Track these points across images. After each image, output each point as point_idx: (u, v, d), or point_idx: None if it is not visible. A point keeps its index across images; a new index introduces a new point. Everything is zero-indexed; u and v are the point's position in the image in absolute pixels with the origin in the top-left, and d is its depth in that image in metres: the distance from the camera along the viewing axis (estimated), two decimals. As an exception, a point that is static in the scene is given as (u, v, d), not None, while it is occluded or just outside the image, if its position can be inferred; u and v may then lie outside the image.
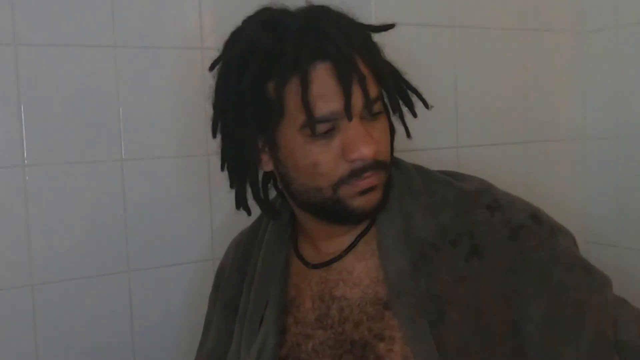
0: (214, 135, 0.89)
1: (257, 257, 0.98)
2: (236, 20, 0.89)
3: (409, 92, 0.91)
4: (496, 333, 0.80)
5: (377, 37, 0.88)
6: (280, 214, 0.96)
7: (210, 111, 0.90)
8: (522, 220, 0.84)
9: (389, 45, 1.16)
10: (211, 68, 0.89)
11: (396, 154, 0.92)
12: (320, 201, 0.84)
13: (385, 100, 0.86)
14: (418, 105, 0.91)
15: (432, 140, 1.24)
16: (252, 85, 0.82)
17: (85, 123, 1.21)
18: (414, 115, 0.90)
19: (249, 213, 0.93)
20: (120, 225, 1.25)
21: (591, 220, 1.46)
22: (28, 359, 1.19)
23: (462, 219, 0.85)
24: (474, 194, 0.87)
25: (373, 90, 0.82)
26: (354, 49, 0.81)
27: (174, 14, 1.28)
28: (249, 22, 0.87)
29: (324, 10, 0.85)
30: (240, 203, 0.92)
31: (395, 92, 0.87)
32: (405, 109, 0.90)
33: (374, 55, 0.86)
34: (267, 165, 0.89)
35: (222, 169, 0.91)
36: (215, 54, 0.90)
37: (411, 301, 0.82)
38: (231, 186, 0.91)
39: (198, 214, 1.31)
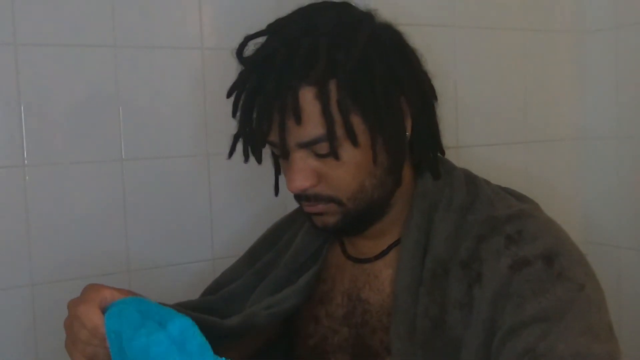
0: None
1: (295, 233, 1.01)
2: (236, 20, 0.89)
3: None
4: None
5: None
6: None
7: (210, 111, 0.91)
8: (530, 257, 0.78)
9: (389, 45, 1.16)
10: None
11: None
12: None
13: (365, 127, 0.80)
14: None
15: (432, 140, 1.24)
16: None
17: (85, 123, 1.21)
18: (355, 143, 0.81)
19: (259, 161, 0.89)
20: (120, 225, 1.25)
21: (591, 220, 1.46)
22: (28, 359, 1.19)
23: (480, 244, 0.82)
24: (502, 220, 0.83)
25: (308, 132, 0.78)
26: (304, 82, 0.76)
27: (174, 14, 1.28)
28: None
29: (306, 29, 0.80)
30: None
31: (342, 137, 0.78)
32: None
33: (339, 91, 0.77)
34: None
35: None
36: (215, 54, 0.90)
37: (405, 319, 0.81)
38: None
39: (198, 214, 1.31)
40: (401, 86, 0.82)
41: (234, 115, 0.85)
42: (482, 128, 1.32)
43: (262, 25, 0.89)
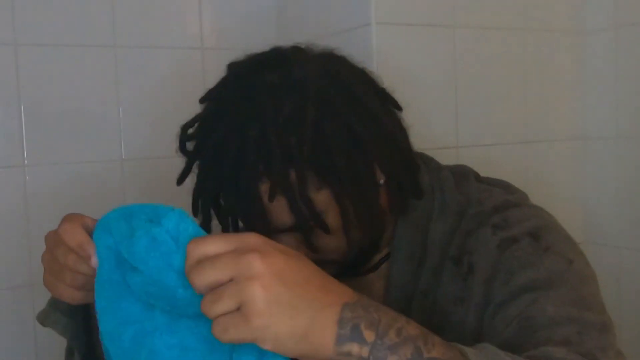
0: None
1: None
2: (236, 20, 0.89)
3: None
4: None
5: (377, 43, 0.87)
6: None
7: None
8: (517, 235, 0.77)
9: (390, 45, 1.16)
10: None
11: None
12: None
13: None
14: (418, 105, 0.90)
15: (432, 140, 1.24)
16: None
17: (85, 123, 1.21)
18: (326, 231, 0.76)
19: None
20: (120, 225, 1.25)
21: (591, 220, 1.46)
22: (28, 359, 1.19)
23: (467, 239, 0.81)
24: (488, 212, 0.82)
25: (277, 225, 0.75)
26: (263, 178, 0.73)
27: (174, 14, 1.28)
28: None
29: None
30: None
31: (306, 221, 0.74)
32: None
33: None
34: None
35: None
36: (215, 54, 0.90)
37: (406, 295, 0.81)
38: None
39: (198, 214, 1.31)
40: (364, 145, 0.76)
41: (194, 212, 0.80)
42: (482, 128, 1.32)
43: (262, 25, 0.89)
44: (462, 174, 0.89)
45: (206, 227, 0.78)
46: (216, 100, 0.80)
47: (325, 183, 0.74)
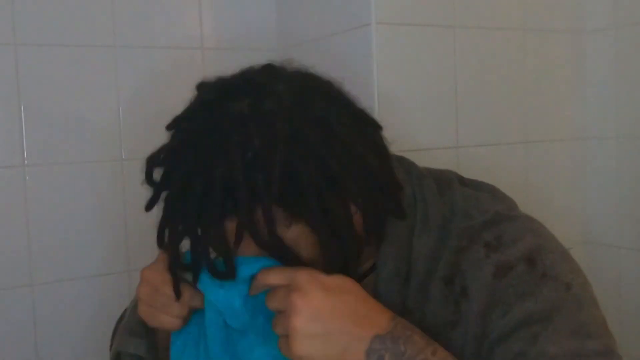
0: None
1: None
2: (236, 21, 0.89)
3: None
4: None
5: (377, 43, 0.87)
6: None
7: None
8: (513, 261, 0.74)
9: (390, 45, 1.16)
10: None
11: (398, 153, 0.91)
12: None
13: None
14: (417, 106, 0.89)
15: (432, 140, 1.24)
16: None
17: (85, 123, 1.21)
18: (298, 264, 0.75)
19: None
20: (120, 225, 1.25)
21: (591, 220, 1.46)
22: (28, 359, 1.19)
23: (459, 257, 0.78)
24: (478, 228, 0.79)
25: (249, 252, 0.73)
26: (229, 216, 0.70)
27: (174, 14, 1.28)
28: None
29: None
30: None
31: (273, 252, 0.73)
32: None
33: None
34: None
35: None
36: (215, 54, 0.90)
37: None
38: None
39: (198, 214, 1.31)
40: (337, 181, 0.71)
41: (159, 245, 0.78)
42: (482, 128, 1.32)
43: (262, 25, 0.88)
44: (446, 181, 0.86)
45: (175, 258, 0.75)
46: (183, 130, 0.77)
47: (295, 219, 0.71)
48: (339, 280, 0.70)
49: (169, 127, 0.80)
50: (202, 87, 0.81)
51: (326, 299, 0.67)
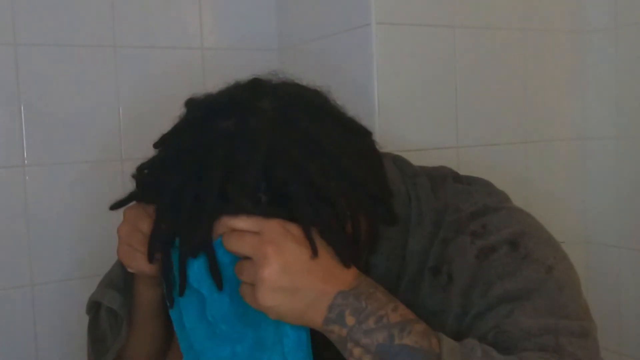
0: None
1: None
2: (236, 21, 0.89)
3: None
4: None
5: (377, 43, 0.86)
6: None
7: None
8: (495, 243, 0.76)
9: (390, 45, 1.16)
10: None
11: (398, 153, 0.91)
12: None
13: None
14: (418, 106, 0.89)
15: (432, 140, 1.24)
16: None
17: (85, 123, 1.21)
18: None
19: None
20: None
21: (591, 220, 1.46)
22: (28, 359, 1.19)
23: (446, 248, 0.79)
24: (465, 219, 0.80)
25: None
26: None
27: (174, 14, 1.28)
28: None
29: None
30: None
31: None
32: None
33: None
34: None
35: None
36: (215, 54, 0.90)
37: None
38: None
39: (198, 214, 1.31)
40: (324, 197, 0.71)
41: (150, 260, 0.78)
42: (482, 128, 1.32)
43: (262, 25, 0.88)
44: (440, 177, 0.86)
45: (167, 266, 0.75)
46: (172, 147, 0.78)
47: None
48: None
49: (156, 145, 0.80)
50: (190, 104, 0.81)
51: (298, 253, 0.66)
